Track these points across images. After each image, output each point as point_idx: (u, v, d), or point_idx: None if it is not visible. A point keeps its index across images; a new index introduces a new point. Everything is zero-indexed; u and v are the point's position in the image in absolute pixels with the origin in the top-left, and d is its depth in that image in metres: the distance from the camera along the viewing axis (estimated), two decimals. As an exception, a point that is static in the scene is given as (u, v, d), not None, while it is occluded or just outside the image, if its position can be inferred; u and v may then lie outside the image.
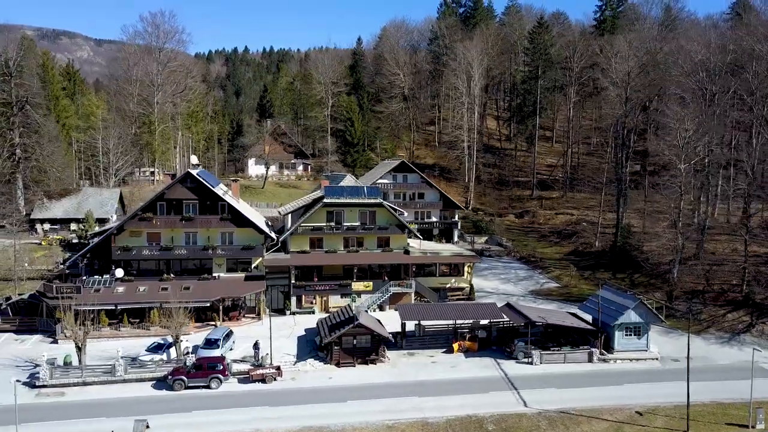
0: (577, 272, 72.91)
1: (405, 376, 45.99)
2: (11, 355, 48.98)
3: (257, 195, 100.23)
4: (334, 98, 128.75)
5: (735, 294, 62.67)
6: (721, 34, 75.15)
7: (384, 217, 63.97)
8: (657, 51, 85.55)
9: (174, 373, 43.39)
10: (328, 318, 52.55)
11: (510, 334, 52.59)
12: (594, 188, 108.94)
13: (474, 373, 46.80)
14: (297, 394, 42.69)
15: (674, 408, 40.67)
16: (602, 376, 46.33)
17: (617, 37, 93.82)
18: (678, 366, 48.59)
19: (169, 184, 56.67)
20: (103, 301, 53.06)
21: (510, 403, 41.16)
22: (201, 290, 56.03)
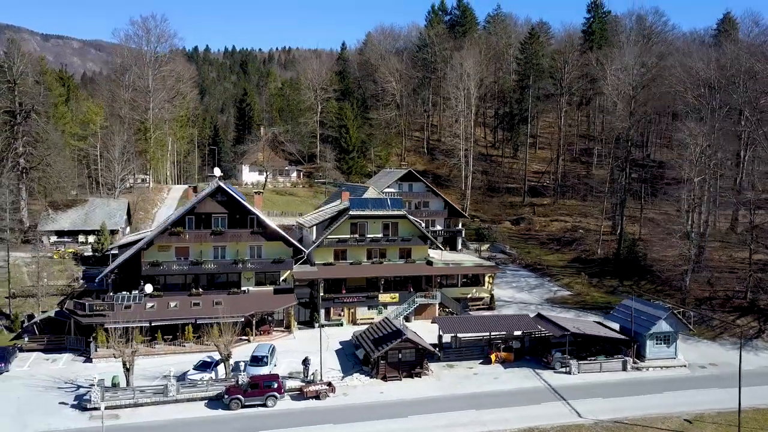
0: (588, 280, 75.11)
1: (453, 389, 46.90)
2: (47, 376, 47.66)
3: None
4: (323, 104, 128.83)
5: (740, 300, 65.95)
6: (722, 52, 78.68)
7: (406, 229, 64.74)
8: (654, 66, 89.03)
9: (230, 392, 43.12)
10: (366, 331, 53.05)
11: (542, 344, 54.19)
12: (583, 196, 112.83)
13: (517, 384, 48.10)
14: (355, 410, 43.06)
15: (718, 415, 42.89)
16: (640, 384, 48.25)
17: (614, 50, 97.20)
18: (706, 372, 51.18)
19: (200, 198, 56.01)
20: (137, 318, 52.10)
21: (565, 414, 42.57)
22: (233, 305, 55.57)
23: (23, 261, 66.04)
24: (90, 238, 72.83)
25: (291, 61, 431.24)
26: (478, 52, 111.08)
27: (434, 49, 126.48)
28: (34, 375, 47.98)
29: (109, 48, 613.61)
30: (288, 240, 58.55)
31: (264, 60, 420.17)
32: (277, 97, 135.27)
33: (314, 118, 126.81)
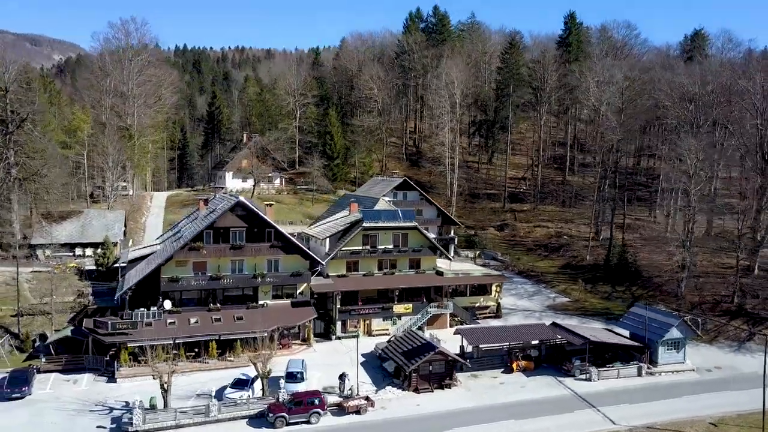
0: (585, 287, 77.87)
1: (485, 400, 48.17)
2: (74, 399, 46.29)
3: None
4: (302, 109, 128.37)
5: (728, 304, 69.96)
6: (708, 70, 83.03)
7: (416, 239, 65.77)
8: (637, 80, 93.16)
9: (274, 410, 43.06)
10: (392, 344, 53.74)
11: (557, 352, 56.22)
12: (562, 202, 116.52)
13: (544, 392, 49.81)
14: (396, 424, 43.74)
15: (738, 417, 45.68)
16: (658, 389, 50.76)
17: (596, 63, 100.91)
18: (714, 376, 54.22)
19: (221, 213, 55.40)
20: (161, 336, 51.26)
21: (599, 422, 44.47)
22: (253, 319, 55.29)
23: (23, 277, 63.53)
24: (87, 250, 70.76)
25: (245, 61, 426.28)
26: (463, 62, 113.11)
27: (413, 56, 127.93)
28: (59, 397, 46.52)
29: (46, 42, 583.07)
30: (306, 253, 58.63)
31: (217, 59, 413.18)
32: (257, 102, 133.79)
33: (293, 123, 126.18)
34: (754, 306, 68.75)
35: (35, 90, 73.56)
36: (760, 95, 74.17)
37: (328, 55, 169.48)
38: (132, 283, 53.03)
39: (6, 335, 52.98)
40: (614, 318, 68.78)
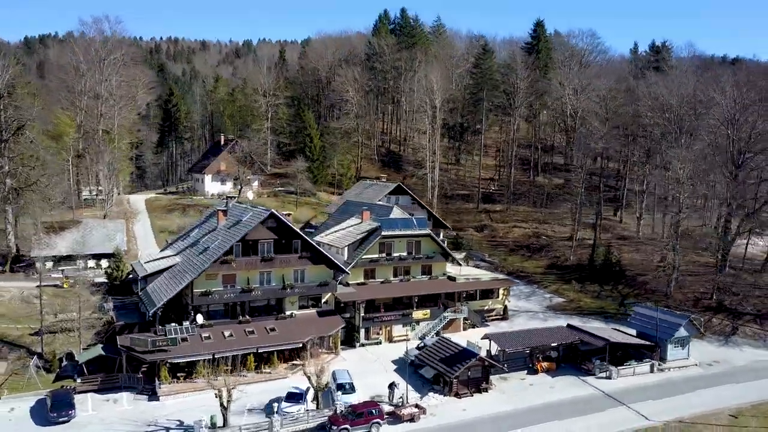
0: (578, 288, 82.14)
1: (522, 402, 50.71)
2: (122, 419, 45.43)
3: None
4: (273, 110, 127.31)
5: (708, 301, 75.97)
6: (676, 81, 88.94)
7: (428, 246, 67.75)
8: (619, 89, 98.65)
9: (337, 423, 43.94)
10: (427, 350, 55.51)
11: (572, 352, 59.73)
12: (534, 203, 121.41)
13: (573, 392, 52.96)
14: (453, 430, 45.64)
15: (753, 408, 50.38)
16: (673, 384, 54.95)
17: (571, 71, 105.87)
18: (716, 370, 59.06)
19: (254, 226, 55.23)
20: (200, 351, 50.95)
21: (634, 419, 47.93)
22: (286, 330, 55.77)
23: (32, 293, 60.94)
24: (90, 262, 68.40)
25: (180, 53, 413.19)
26: (441, 66, 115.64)
27: (385, 59, 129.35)
28: (105, 419, 45.55)
29: None
30: (333, 262, 59.37)
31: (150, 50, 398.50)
32: (228, 103, 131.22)
33: (265, 124, 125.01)
34: (731, 302, 75.10)
35: (30, 94, 69.93)
36: (731, 106, 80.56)
37: (292, 53, 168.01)
38: (166, 298, 52.21)
39: (34, 357, 50.97)
40: (610, 316, 73.52)
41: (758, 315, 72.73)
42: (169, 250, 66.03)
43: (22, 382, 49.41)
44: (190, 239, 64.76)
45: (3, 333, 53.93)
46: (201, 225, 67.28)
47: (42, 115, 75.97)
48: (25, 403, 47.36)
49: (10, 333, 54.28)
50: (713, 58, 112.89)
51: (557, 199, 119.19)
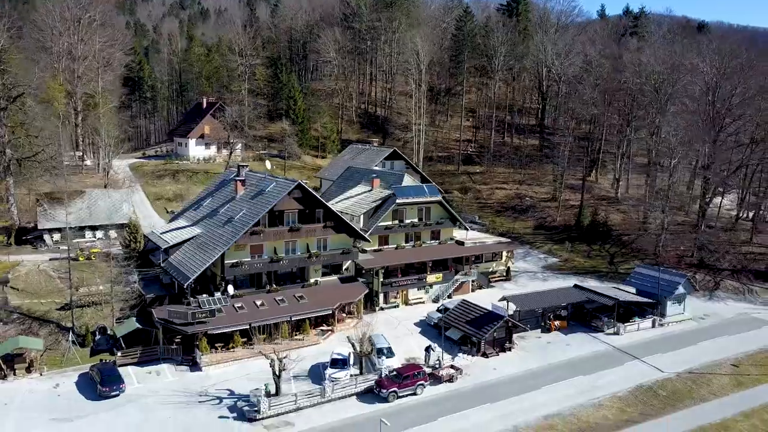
0: (570, 248, 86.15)
1: (545, 359, 54.09)
2: (170, 391, 46.15)
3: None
4: (250, 70, 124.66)
5: (690, 258, 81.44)
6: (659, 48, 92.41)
7: (437, 212, 69.67)
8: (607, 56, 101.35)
9: (385, 386, 46.06)
10: (452, 313, 57.90)
11: (578, 310, 63.55)
12: (511, 163, 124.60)
13: (588, 348, 56.79)
14: (490, 388, 48.42)
15: (748, 357, 55.44)
16: (675, 337, 59.53)
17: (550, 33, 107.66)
18: (709, 323, 64.08)
19: (281, 198, 55.52)
20: (237, 321, 51.79)
21: (651, 372, 52.02)
22: (314, 298, 57.02)
23: (48, 267, 59.71)
24: (98, 233, 67.16)
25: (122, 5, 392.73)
26: (428, 30, 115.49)
27: (362, 19, 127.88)
28: (155, 391, 46.18)
29: None
30: (355, 230, 60.57)
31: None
32: (205, 64, 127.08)
33: (243, 86, 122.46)
34: (710, 259, 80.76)
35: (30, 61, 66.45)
36: (711, 73, 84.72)
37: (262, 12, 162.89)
38: (199, 270, 52.38)
39: (70, 333, 50.58)
40: (603, 274, 77.95)
41: (734, 270, 78.83)
42: (182, 220, 65.55)
43: (60, 358, 49.20)
44: (205, 209, 64.47)
45: (30, 309, 53.05)
46: (213, 194, 66.92)
47: (27, 78, 72.35)
48: (68, 378, 47.38)
49: (37, 308, 53.43)
50: (688, 22, 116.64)
51: (535, 160, 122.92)
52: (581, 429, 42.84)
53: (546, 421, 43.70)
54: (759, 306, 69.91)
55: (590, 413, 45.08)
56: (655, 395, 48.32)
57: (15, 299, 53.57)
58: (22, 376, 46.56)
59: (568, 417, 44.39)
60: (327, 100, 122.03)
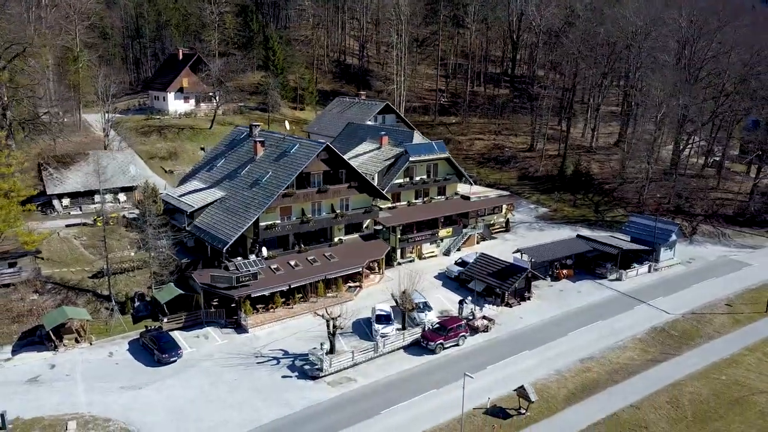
0: (559, 198, 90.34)
1: (562, 306, 58.15)
2: (225, 354, 47.50)
3: (208, 138, 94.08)
4: (219, 18, 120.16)
5: (667, 205, 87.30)
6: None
7: (443, 168, 71.73)
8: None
9: (432, 339, 48.90)
10: (473, 266, 60.89)
11: (580, 259, 67.98)
12: (485, 113, 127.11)
13: (598, 294, 61.28)
14: (523, 335, 52.08)
15: (738, 296, 61.42)
16: (671, 281, 64.83)
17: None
18: (696, 267, 69.78)
19: (311, 160, 55.97)
20: (277, 282, 53.02)
21: (658, 314, 56.94)
22: (343, 256, 58.69)
23: (68, 234, 58.31)
24: (107, 197, 65.59)
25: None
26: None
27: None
28: (211, 355, 47.41)
29: None
30: (377, 190, 61.98)
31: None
32: (173, 11, 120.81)
33: (214, 35, 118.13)
34: (685, 205, 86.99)
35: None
36: (685, 26, 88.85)
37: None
38: (237, 233, 52.90)
39: (112, 301, 50.43)
40: (592, 223, 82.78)
41: (707, 215, 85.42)
42: (196, 181, 65.03)
43: (103, 326, 49.32)
44: (220, 170, 64.12)
45: (62, 278, 52.31)
46: (225, 154, 66.35)
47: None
48: (119, 346, 47.83)
49: (69, 277, 52.73)
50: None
51: (508, 110, 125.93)
52: (615, 370, 47.28)
53: (583, 365, 47.87)
54: (734, 249, 76.59)
55: (618, 355, 49.62)
56: (669, 336, 53.42)
57: (45, 269, 52.60)
58: (71, 347, 46.62)
59: (600, 360, 48.75)
60: (301, 50, 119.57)
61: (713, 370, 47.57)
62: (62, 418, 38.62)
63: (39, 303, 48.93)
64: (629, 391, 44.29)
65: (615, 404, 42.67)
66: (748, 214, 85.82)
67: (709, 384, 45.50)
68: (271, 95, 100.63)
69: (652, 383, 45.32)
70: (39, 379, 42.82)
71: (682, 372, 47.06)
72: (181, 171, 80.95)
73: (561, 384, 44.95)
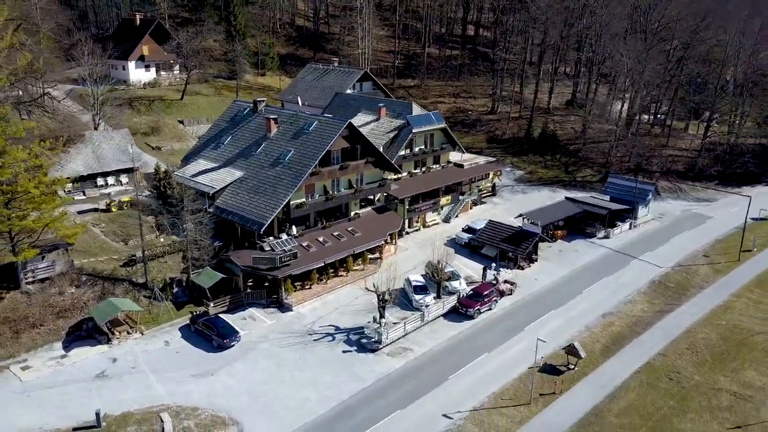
0: (534, 160, 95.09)
1: (567, 266, 63.01)
2: (279, 334, 48.77)
3: (182, 110, 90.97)
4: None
5: (627, 164, 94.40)
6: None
7: (439, 138, 74.21)
8: None
9: (469, 305, 52.28)
10: (484, 233, 64.43)
11: (568, 220, 73.18)
12: (439, 77, 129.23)
13: (593, 253, 66.70)
14: (543, 296, 56.54)
15: (711, 247, 68.90)
16: (651, 236, 71.21)
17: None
18: (667, 222, 76.92)
19: (335, 139, 56.62)
20: (314, 260, 54.28)
21: (652, 268, 63.02)
22: (364, 230, 60.47)
23: (85, 220, 56.06)
24: (109, 179, 63.23)
25: None
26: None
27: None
28: (265, 336, 48.48)
29: None
30: (391, 164, 63.64)
31: None
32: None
33: None
34: (642, 163, 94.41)
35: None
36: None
37: None
38: (273, 215, 53.34)
39: (155, 291, 49.85)
40: (566, 183, 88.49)
41: (663, 172, 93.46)
42: (202, 160, 63.93)
43: (147, 315, 48.99)
44: (230, 148, 63.41)
45: (94, 268, 50.94)
46: (231, 132, 65.37)
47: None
48: (171, 334, 47.85)
49: (100, 267, 51.39)
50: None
51: (465, 72, 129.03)
52: (634, 323, 52.82)
53: (605, 319, 53.06)
54: (693, 203, 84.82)
55: (631, 308, 55.26)
56: (667, 287, 59.73)
57: (74, 260, 51.00)
58: (124, 339, 46.29)
59: (618, 314, 54.15)
60: (255, 13, 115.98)
61: (713, 317, 54.16)
62: (151, 410, 39.07)
63: (79, 296, 47.76)
64: (652, 341, 49.89)
65: (645, 354, 48.10)
66: (696, 169, 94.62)
67: (715, 329, 51.98)
68: (240, 62, 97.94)
69: (668, 332, 51.19)
70: (106, 373, 42.58)
71: (689, 320, 53.29)
72: (169, 147, 78.78)
73: (594, 339, 49.87)
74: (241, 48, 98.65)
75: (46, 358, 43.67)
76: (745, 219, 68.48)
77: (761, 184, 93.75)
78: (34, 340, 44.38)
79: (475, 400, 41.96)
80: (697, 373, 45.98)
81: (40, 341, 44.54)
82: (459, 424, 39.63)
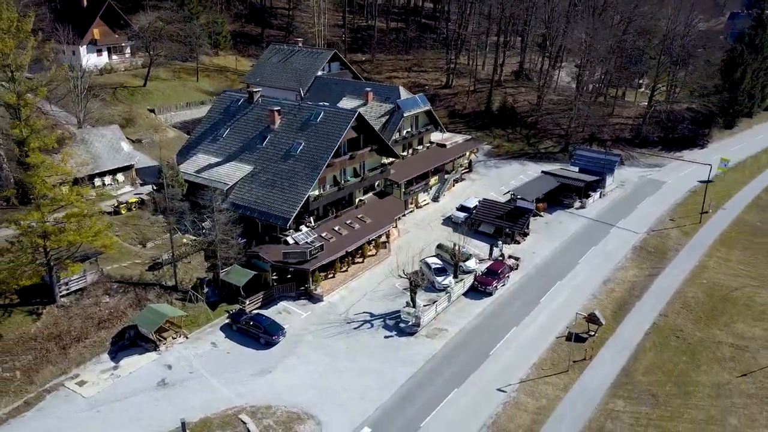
0: (499, 134, 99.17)
1: (558, 237, 67.54)
2: (318, 325, 50.47)
3: (148, 97, 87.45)
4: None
5: (581, 134, 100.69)
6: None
7: (423, 119, 76.60)
8: None
9: (486, 283, 55.96)
10: (481, 211, 68.00)
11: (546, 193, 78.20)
12: (389, 51, 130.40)
13: (575, 224, 71.66)
14: (545, 267, 61.24)
15: (673, 211, 76.02)
16: (620, 204, 77.08)
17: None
18: (630, 189, 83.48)
19: (347, 129, 57.64)
20: (338, 250, 55.83)
21: (630, 235, 69.01)
22: (373, 216, 62.42)
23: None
24: (106, 179, 61.01)
25: None
26: None
27: None
28: (306, 329, 50.01)
29: None
30: (392, 150, 65.50)
31: None
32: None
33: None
34: (594, 132, 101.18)
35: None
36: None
37: None
38: (296, 209, 54.22)
39: (190, 292, 49.76)
40: (532, 155, 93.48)
41: (614, 140, 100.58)
42: (202, 154, 63.09)
43: (191, 317, 49.15)
44: (231, 141, 62.96)
45: (122, 275, 50.04)
46: (228, 123, 64.60)
47: None
48: (215, 335, 48.38)
49: (127, 273, 50.53)
50: None
51: (415, 46, 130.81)
52: (631, 288, 58.57)
53: (606, 286, 58.49)
54: (645, 169, 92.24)
55: (624, 275, 61.02)
56: (648, 252, 66.07)
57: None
58: (171, 344, 46.46)
59: (616, 280, 59.73)
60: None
61: (694, 277, 60.92)
62: (227, 413, 40.15)
63: (115, 305, 47.14)
64: (651, 304, 55.77)
65: (649, 316, 53.88)
66: (642, 135, 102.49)
67: (700, 288, 58.68)
68: (198, 43, 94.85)
69: (662, 294, 57.29)
70: (167, 381, 42.93)
71: (676, 282, 59.70)
72: (149, 140, 76.38)
73: (602, 306, 55.07)
74: (199, 28, 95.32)
75: (98, 371, 43.33)
76: (706, 183, 76.45)
77: (697, 147, 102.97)
78: (81, 354, 43.77)
79: (520, 371, 45.95)
80: (697, 330, 52.25)
81: (87, 354, 43.99)
82: (513, 396, 43.51)
